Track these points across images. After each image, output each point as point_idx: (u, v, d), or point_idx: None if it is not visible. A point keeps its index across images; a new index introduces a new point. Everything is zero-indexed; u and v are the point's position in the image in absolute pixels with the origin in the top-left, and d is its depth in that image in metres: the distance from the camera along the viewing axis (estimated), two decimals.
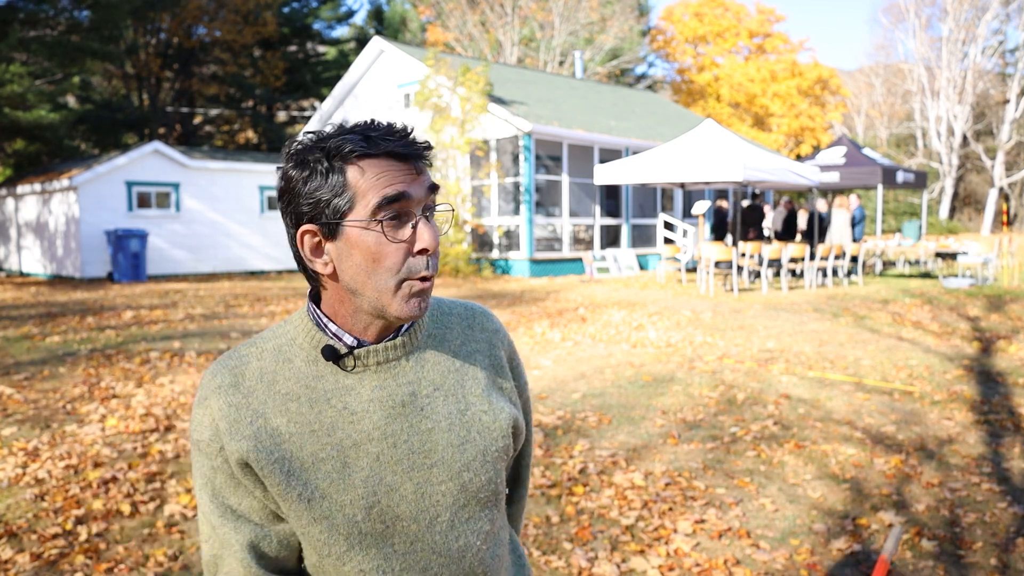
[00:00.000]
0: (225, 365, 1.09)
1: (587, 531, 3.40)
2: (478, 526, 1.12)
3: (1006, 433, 4.82)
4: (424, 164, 1.07)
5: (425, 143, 1.07)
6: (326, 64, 34.24)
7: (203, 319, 9.63)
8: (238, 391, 1.06)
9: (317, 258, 1.06)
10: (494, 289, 13.36)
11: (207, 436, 1.06)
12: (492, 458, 1.13)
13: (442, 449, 1.09)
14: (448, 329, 1.19)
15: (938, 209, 39.34)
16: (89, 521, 3.48)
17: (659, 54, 44.59)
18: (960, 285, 13.33)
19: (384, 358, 1.10)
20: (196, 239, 17.79)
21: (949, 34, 38.28)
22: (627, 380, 6.27)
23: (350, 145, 1.01)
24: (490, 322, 1.25)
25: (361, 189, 1.01)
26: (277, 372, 1.08)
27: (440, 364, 1.15)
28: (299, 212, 1.04)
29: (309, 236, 1.05)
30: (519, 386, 1.26)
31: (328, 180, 1.01)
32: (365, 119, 1.08)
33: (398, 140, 1.03)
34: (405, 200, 1.02)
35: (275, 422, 1.05)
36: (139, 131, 29.61)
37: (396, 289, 1.03)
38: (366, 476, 1.05)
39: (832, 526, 3.47)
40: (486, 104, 15.91)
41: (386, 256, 1.02)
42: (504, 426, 1.15)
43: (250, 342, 1.13)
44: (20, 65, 19.77)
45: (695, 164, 12.48)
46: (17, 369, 6.68)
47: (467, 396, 1.14)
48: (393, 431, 1.07)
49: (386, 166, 1.02)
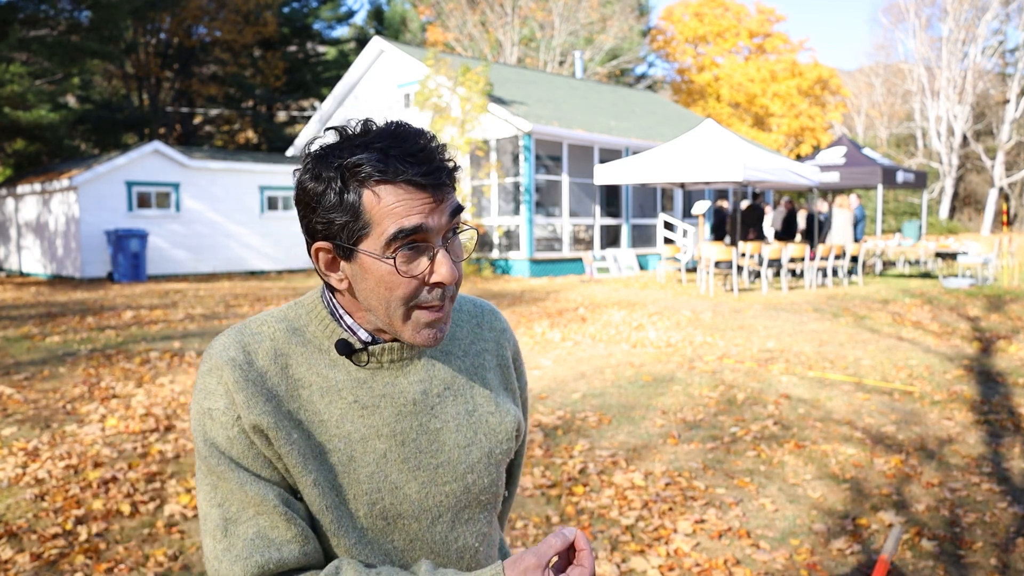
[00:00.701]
0: (237, 339, 1.04)
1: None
2: (477, 528, 1.12)
3: (1006, 433, 4.82)
4: (448, 190, 1.00)
5: (451, 165, 1.01)
6: (326, 64, 34.25)
7: (203, 319, 9.63)
8: (252, 368, 1.02)
9: (332, 273, 1.04)
10: (494, 289, 13.36)
11: (221, 405, 1.00)
12: (496, 461, 1.13)
13: (449, 450, 1.08)
14: (458, 327, 1.18)
15: (938, 209, 39.34)
16: (89, 521, 3.48)
17: (659, 54, 44.60)
18: (960, 285, 13.33)
19: (398, 356, 1.08)
20: (196, 239, 17.79)
21: (949, 34, 38.28)
22: (627, 380, 6.27)
23: (367, 168, 0.96)
24: (498, 321, 1.24)
25: (376, 216, 0.97)
26: (291, 355, 1.05)
27: (450, 363, 1.13)
28: (314, 228, 1.01)
29: (324, 252, 1.03)
30: (521, 386, 1.26)
31: (343, 202, 0.97)
32: (388, 121, 1.02)
33: (420, 166, 0.96)
34: (422, 232, 0.97)
35: (287, 407, 1.02)
36: (139, 131, 29.62)
37: (406, 317, 1.01)
38: (371, 472, 1.03)
39: (832, 526, 3.47)
40: (486, 104, 15.91)
41: (397, 287, 0.99)
42: (510, 429, 1.14)
43: (261, 319, 1.08)
44: (20, 65, 19.78)
45: (695, 164, 12.48)
46: (17, 369, 6.68)
47: (475, 397, 1.14)
48: (402, 429, 1.06)
49: (404, 194, 0.96)
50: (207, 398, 1.01)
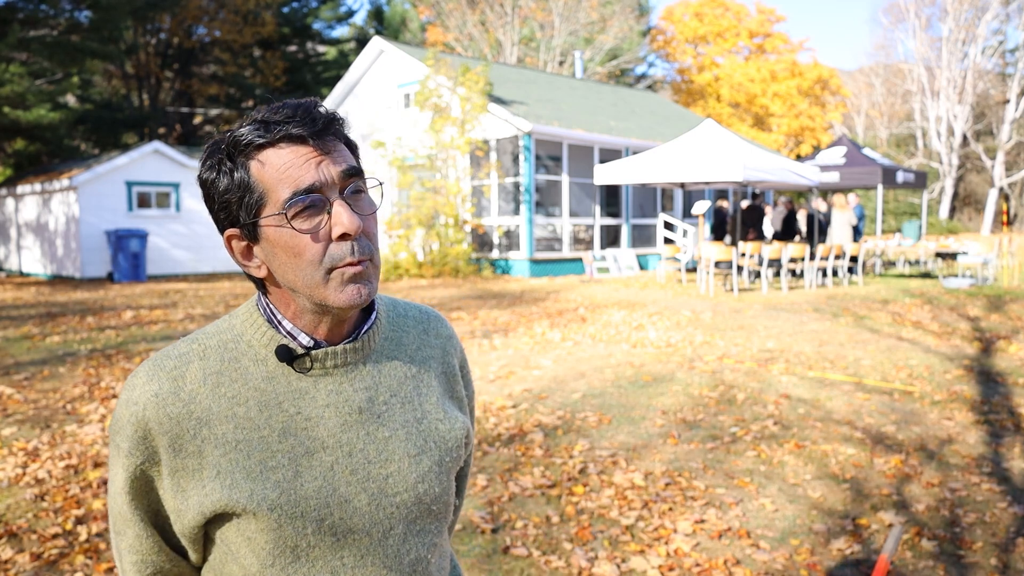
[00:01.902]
0: (162, 367, 0.99)
1: (587, 531, 3.40)
2: (429, 539, 1.07)
3: (1006, 433, 4.82)
4: (334, 142, 0.98)
5: (328, 115, 0.98)
6: (326, 64, 34.26)
7: (203, 319, 9.63)
8: (178, 398, 0.97)
9: (249, 262, 1.01)
10: (494, 289, 13.36)
11: (126, 447, 0.98)
12: (447, 469, 1.08)
13: (399, 459, 1.03)
14: (404, 332, 1.14)
15: (938, 209, 39.34)
16: (89, 521, 3.48)
17: (659, 54, 44.61)
18: (960, 285, 13.33)
19: (342, 361, 1.03)
20: (196, 239, 17.79)
21: (949, 34, 38.29)
22: (627, 380, 6.27)
23: (247, 136, 0.95)
24: (444, 328, 1.20)
25: (267, 183, 0.95)
26: (222, 373, 1.00)
27: (397, 369, 1.09)
28: (219, 217, 1.00)
29: (236, 240, 1.00)
30: (468, 395, 1.22)
31: (233, 179, 0.96)
32: (280, 103, 1.00)
33: (297, 120, 0.94)
34: (316, 189, 0.94)
35: (220, 430, 0.97)
36: (139, 131, 29.62)
37: (325, 281, 0.96)
38: (319, 487, 0.98)
39: (832, 526, 3.47)
40: (486, 104, 15.91)
41: (304, 249, 0.95)
42: (459, 436, 1.11)
43: (190, 339, 1.04)
44: (20, 65, 19.79)
45: (695, 164, 12.48)
46: (17, 369, 6.68)
47: (423, 404, 1.09)
48: (349, 439, 1.01)
49: (288, 154, 0.95)
50: (118, 433, 0.99)
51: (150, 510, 1.02)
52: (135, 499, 1.01)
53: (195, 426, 0.97)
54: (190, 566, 1.06)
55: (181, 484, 0.98)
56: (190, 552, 1.03)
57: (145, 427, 0.97)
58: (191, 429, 0.97)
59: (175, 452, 0.97)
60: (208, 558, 1.04)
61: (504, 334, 8.45)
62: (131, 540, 1.03)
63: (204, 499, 0.97)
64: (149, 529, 1.02)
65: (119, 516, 1.03)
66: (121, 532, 1.03)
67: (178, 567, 1.05)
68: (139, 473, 0.99)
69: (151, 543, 1.03)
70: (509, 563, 3.10)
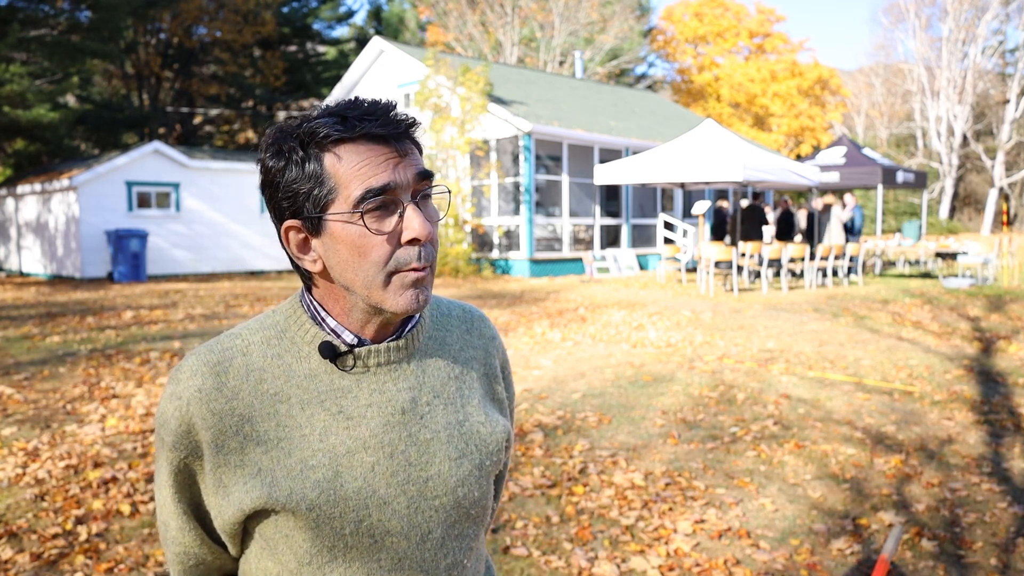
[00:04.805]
0: (205, 362, 0.99)
1: (587, 531, 3.40)
2: (466, 543, 1.06)
3: (1006, 433, 4.82)
4: (409, 145, 0.98)
5: (409, 119, 0.98)
6: (326, 64, 34.24)
7: (203, 319, 9.63)
8: (221, 394, 0.97)
9: (304, 255, 0.99)
10: (494, 289, 13.36)
11: (171, 440, 0.99)
12: (486, 473, 1.07)
13: (439, 462, 1.02)
14: (448, 332, 1.12)
15: (938, 209, 39.35)
16: (89, 521, 3.48)
17: (659, 54, 44.62)
18: (960, 285, 13.33)
19: (386, 359, 1.02)
20: (196, 239, 17.79)
21: (949, 34, 38.29)
22: (627, 380, 6.27)
23: (325, 129, 0.93)
24: (487, 328, 1.18)
25: (341, 178, 0.94)
26: (265, 369, 1.00)
27: (440, 370, 1.07)
28: (280, 207, 0.98)
29: (294, 232, 0.99)
30: (509, 397, 1.21)
31: (304, 170, 0.95)
32: (349, 98, 1.00)
33: (377, 120, 0.94)
34: (390, 189, 0.94)
35: (262, 427, 0.97)
36: (139, 131, 29.61)
37: (386, 283, 0.95)
38: (359, 487, 0.97)
39: (832, 526, 3.47)
40: (486, 104, 15.91)
41: (371, 249, 0.94)
42: (500, 439, 1.09)
43: (233, 333, 1.03)
44: (20, 65, 19.79)
45: (695, 164, 12.48)
46: (17, 369, 6.68)
47: (465, 406, 1.08)
48: (391, 440, 1.00)
49: (366, 151, 0.94)
50: (163, 426, 1.00)
51: (192, 503, 1.03)
52: (178, 492, 1.02)
53: (237, 423, 0.97)
54: (231, 558, 1.07)
55: (223, 480, 0.98)
56: (229, 546, 1.04)
57: (189, 422, 0.97)
58: (234, 426, 0.97)
59: (217, 448, 0.97)
60: (245, 552, 1.05)
61: (504, 334, 8.45)
62: (174, 532, 1.04)
63: (244, 496, 0.97)
64: (192, 522, 1.04)
65: (164, 507, 1.04)
66: (166, 523, 1.05)
67: (220, 559, 1.07)
68: (182, 467, 1.00)
69: (193, 536, 1.04)
70: (509, 563, 3.10)
